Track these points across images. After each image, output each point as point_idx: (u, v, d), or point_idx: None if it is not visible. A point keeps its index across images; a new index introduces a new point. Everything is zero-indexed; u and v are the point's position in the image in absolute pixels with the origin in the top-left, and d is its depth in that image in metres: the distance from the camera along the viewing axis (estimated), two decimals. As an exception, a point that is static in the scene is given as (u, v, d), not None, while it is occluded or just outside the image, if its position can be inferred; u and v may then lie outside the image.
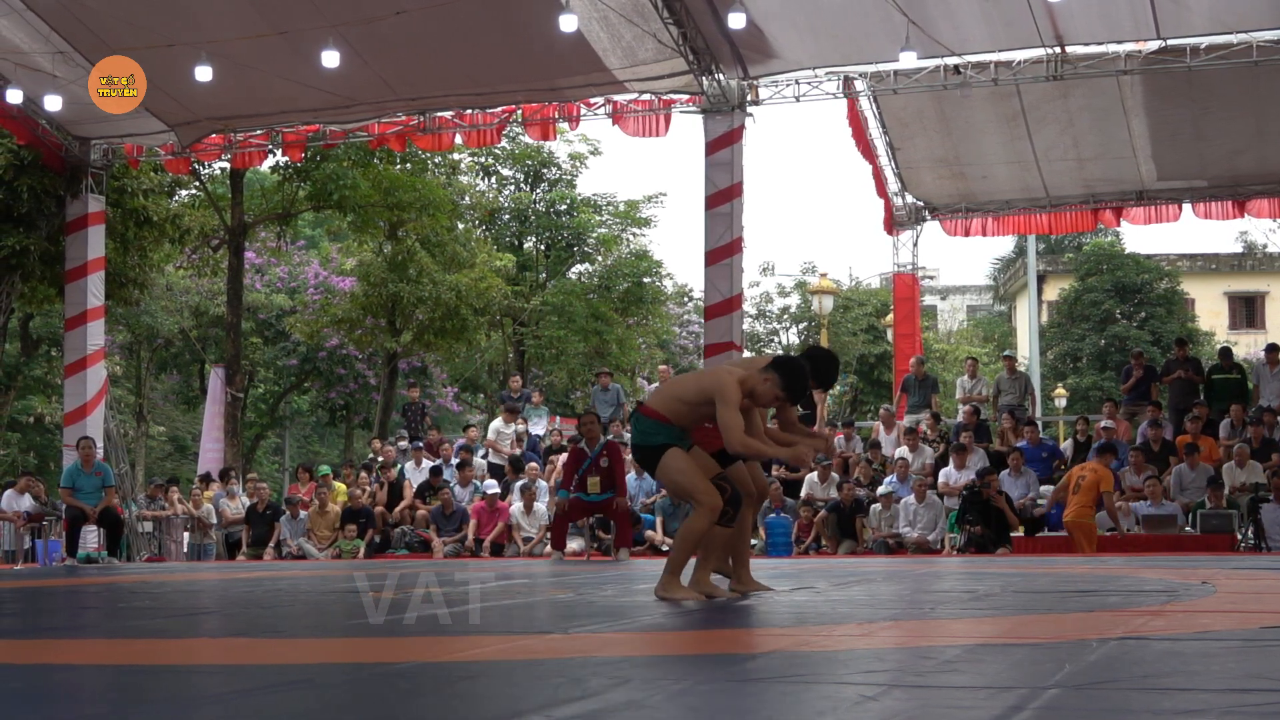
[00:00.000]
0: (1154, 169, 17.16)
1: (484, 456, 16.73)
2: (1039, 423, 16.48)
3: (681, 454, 6.00)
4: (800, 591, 6.58)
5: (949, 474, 14.75)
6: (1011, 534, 13.44)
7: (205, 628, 5.18)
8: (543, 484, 15.37)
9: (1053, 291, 38.63)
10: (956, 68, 14.70)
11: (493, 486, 15.49)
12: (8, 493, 16.44)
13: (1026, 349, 30.44)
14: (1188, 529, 13.12)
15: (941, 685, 3.06)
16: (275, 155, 18.55)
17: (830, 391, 16.69)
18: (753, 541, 14.51)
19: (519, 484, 15.50)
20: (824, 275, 26.42)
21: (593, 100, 15.58)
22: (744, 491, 6.46)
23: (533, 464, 15.81)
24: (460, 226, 24.65)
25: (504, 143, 25.54)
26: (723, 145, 14.64)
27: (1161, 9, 13.58)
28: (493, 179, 28.26)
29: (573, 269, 28.87)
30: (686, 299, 32.71)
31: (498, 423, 17.29)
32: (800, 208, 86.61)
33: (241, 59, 14.53)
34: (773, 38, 14.36)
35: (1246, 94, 15.57)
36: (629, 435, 16.60)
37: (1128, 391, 16.22)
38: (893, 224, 18.99)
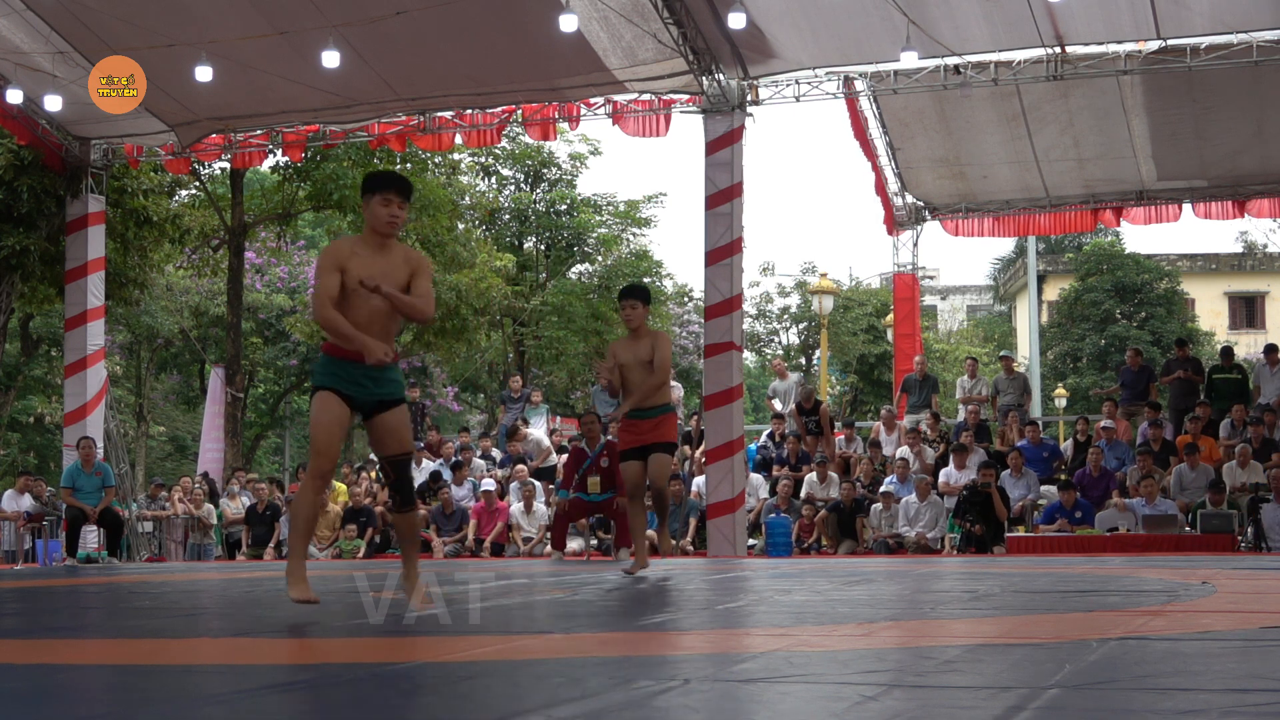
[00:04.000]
0: (1154, 169, 17.16)
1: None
2: (1039, 422, 16.47)
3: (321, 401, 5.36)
4: (800, 592, 6.58)
5: (949, 474, 14.76)
6: (1007, 534, 13.44)
7: (205, 628, 5.18)
8: (538, 484, 15.45)
9: (1053, 291, 38.64)
10: (957, 68, 14.70)
11: (489, 485, 15.50)
12: (8, 493, 16.45)
13: (1026, 349, 30.43)
14: (1188, 529, 13.12)
15: (941, 685, 3.06)
16: (275, 155, 18.54)
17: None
18: (752, 542, 14.62)
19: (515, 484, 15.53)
20: (824, 275, 26.40)
21: (593, 100, 15.58)
22: (631, 486, 8.23)
23: (520, 466, 15.85)
24: (460, 226, 24.64)
25: (504, 143, 25.55)
26: (723, 145, 14.63)
27: (1162, 9, 13.58)
28: (493, 179, 28.27)
29: (573, 269, 28.87)
30: (686, 299, 32.70)
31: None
32: (800, 208, 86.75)
33: (242, 59, 14.53)
34: (773, 38, 14.36)
35: (1246, 94, 15.57)
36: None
37: (1123, 390, 16.21)
38: (893, 224, 18.99)
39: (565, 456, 14.25)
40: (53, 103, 15.29)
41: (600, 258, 28.53)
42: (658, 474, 8.30)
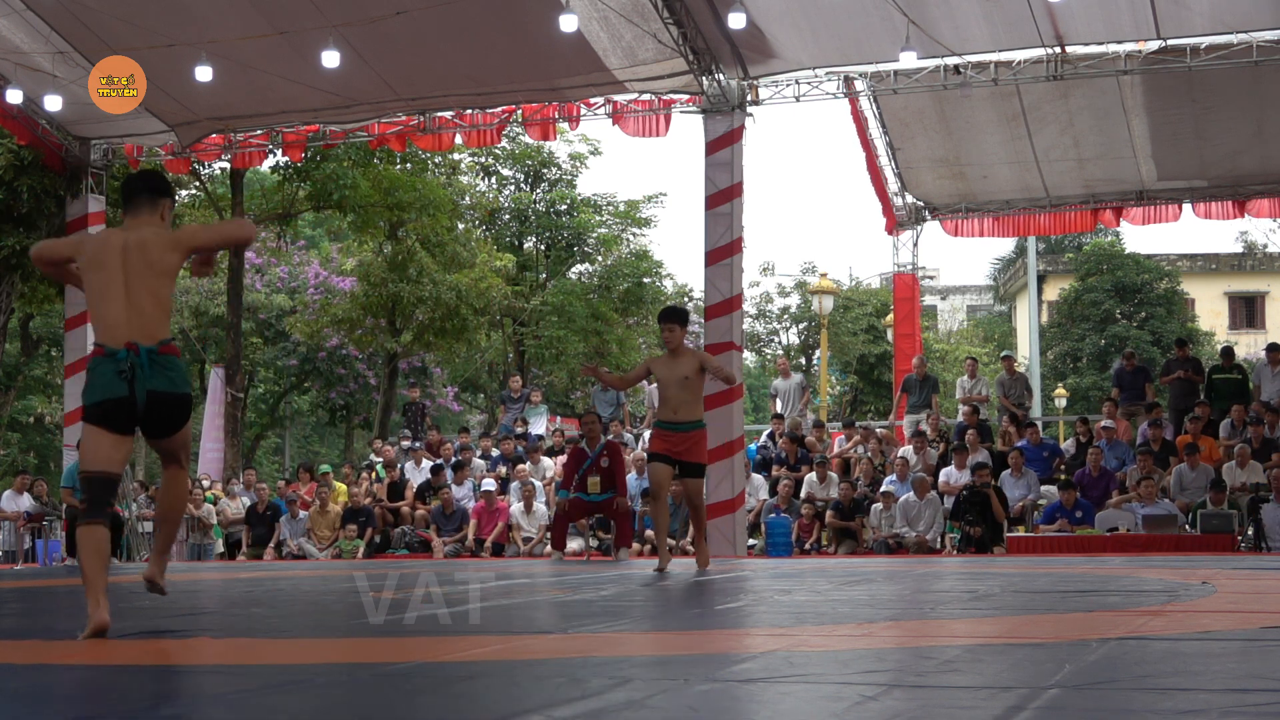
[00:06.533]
0: (1154, 169, 17.16)
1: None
2: (1039, 423, 16.47)
3: None
4: (800, 592, 6.58)
5: (949, 474, 14.75)
6: (1007, 534, 13.44)
7: (205, 628, 5.18)
8: (538, 483, 15.45)
9: (1053, 291, 38.63)
10: (957, 68, 14.70)
11: (489, 485, 15.51)
12: (8, 493, 16.45)
13: (1027, 349, 30.43)
14: (1188, 529, 13.12)
15: (941, 685, 3.06)
16: (275, 155, 18.54)
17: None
18: (752, 542, 14.62)
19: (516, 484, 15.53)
20: (824, 275, 26.39)
21: (593, 100, 15.58)
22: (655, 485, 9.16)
23: (522, 466, 15.87)
24: (460, 226, 24.64)
25: (504, 143, 25.54)
26: (723, 145, 14.63)
27: (1161, 9, 13.58)
28: (493, 179, 28.27)
29: (573, 269, 28.86)
30: (686, 299, 32.71)
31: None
32: (800, 208, 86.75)
33: (242, 59, 14.52)
34: (773, 38, 14.36)
35: (1246, 94, 15.57)
36: (628, 435, 16.69)
37: (1120, 393, 16.21)
38: (893, 224, 18.99)
39: (564, 456, 14.25)
40: (53, 103, 15.29)
41: (600, 258, 28.53)
42: (693, 493, 9.24)
